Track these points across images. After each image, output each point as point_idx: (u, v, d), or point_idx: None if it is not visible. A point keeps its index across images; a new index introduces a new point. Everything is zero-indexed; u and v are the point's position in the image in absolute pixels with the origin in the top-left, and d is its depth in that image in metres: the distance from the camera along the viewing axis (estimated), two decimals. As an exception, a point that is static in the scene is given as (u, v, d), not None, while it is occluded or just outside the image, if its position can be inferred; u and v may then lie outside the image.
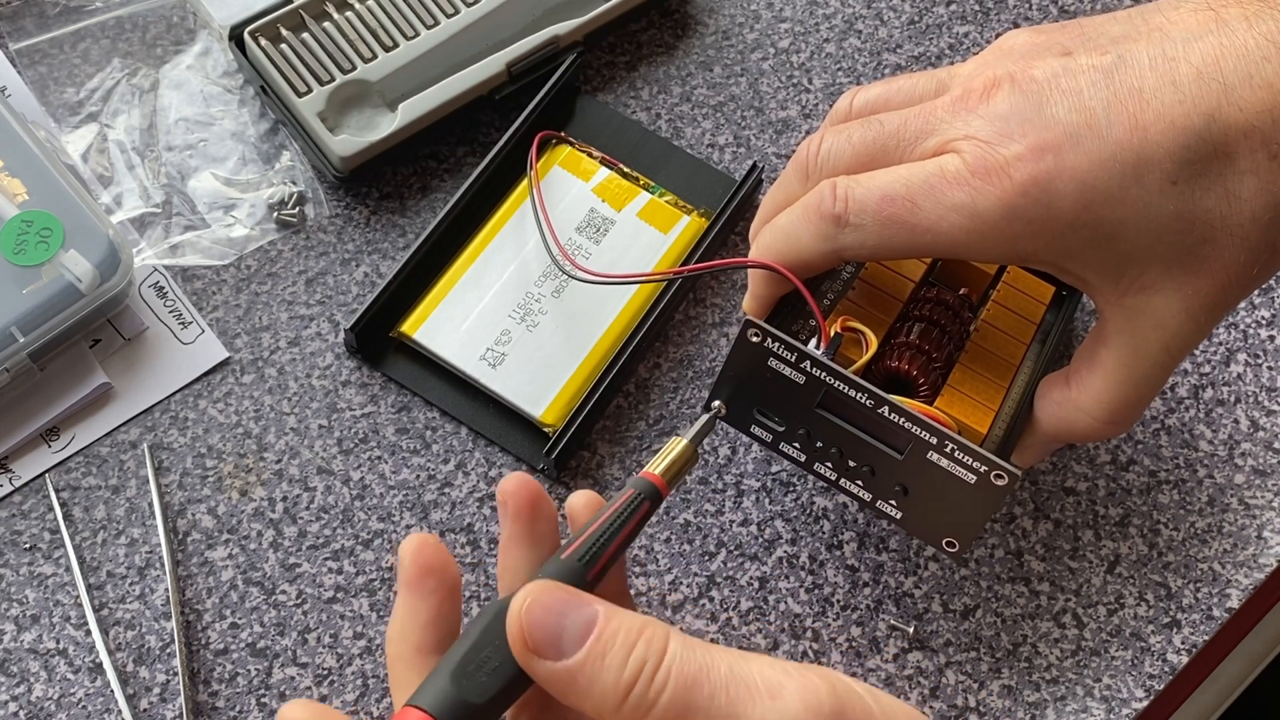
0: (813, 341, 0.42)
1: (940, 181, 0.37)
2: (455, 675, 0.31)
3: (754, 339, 0.41)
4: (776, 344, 0.40)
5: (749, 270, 0.43)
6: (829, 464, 0.43)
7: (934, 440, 0.40)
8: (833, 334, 0.42)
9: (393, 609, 0.34)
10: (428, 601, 0.33)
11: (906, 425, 0.40)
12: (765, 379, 0.41)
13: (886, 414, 0.40)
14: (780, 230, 0.41)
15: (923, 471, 0.41)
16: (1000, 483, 0.39)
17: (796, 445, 0.43)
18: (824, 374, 0.40)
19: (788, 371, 0.41)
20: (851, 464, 0.43)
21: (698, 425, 0.39)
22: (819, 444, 0.43)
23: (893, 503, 0.43)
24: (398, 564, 0.34)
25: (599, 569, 0.33)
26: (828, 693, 0.28)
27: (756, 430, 0.44)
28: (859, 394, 0.40)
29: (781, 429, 0.43)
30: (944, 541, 0.43)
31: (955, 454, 0.40)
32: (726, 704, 0.28)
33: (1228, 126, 0.35)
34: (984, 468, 0.39)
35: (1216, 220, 0.36)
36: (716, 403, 0.42)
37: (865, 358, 0.42)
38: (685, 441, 0.37)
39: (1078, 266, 0.38)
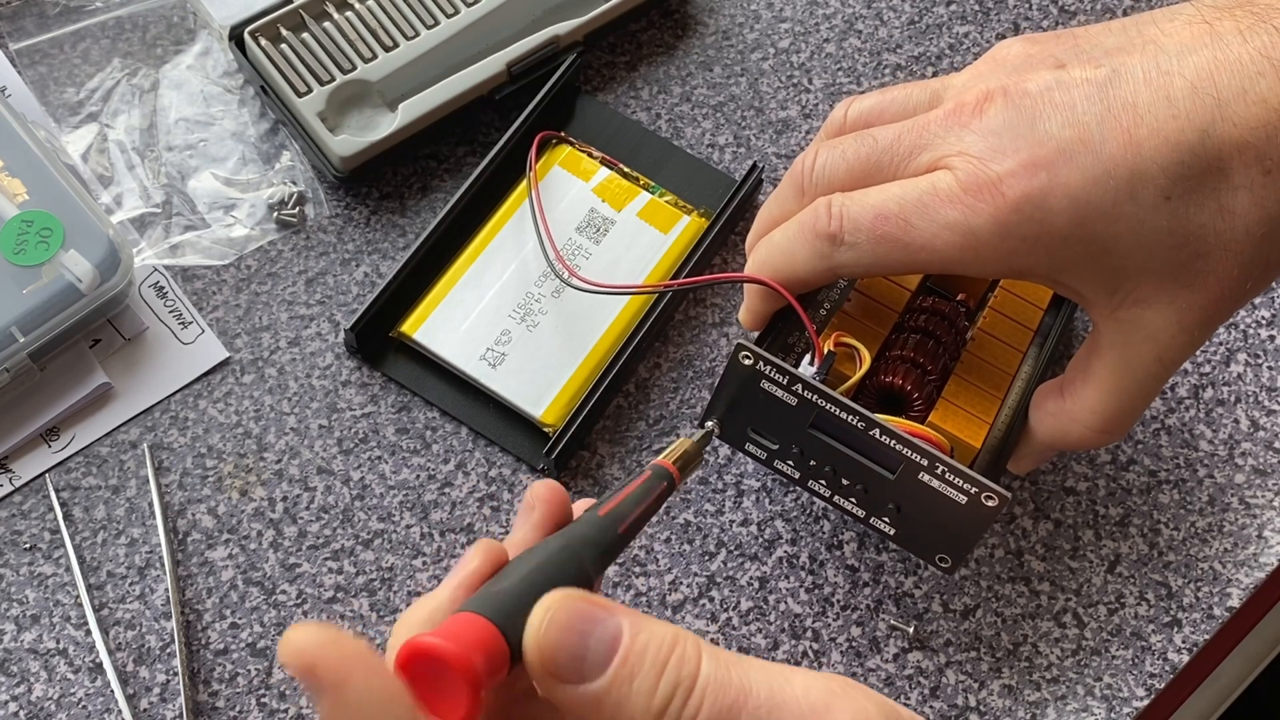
0: (806, 358, 0.42)
1: (933, 199, 0.37)
2: (497, 586, 0.29)
3: (745, 361, 0.41)
4: (768, 367, 0.41)
5: (745, 285, 0.43)
6: (823, 481, 0.43)
7: (925, 462, 0.40)
8: (826, 351, 0.42)
9: (427, 595, 0.31)
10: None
11: (897, 447, 0.40)
12: (758, 400, 0.42)
13: (878, 435, 0.40)
14: (776, 247, 0.41)
15: (914, 491, 0.41)
16: (991, 504, 0.39)
17: (790, 463, 0.44)
18: (815, 396, 0.41)
19: (780, 393, 0.41)
20: (845, 482, 0.43)
21: (697, 436, 0.39)
22: (812, 463, 0.43)
23: (886, 520, 0.43)
24: (464, 558, 0.31)
25: (628, 529, 0.32)
26: (877, 713, 0.26)
27: (751, 448, 0.44)
28: (850, 416, 0.40)
29: (775, 447, 0.43)
30: (937, 558, 0.43)
31: (946, 475, 0.40)
32: None
33: (1222, 142, 0.35)
34: (975, 489, 0.40)
35: (1210, 235, 0.36)
36: (711, 422, 0.43)
37: (858, 375, 0.42)
38: (692, 440, 0.37)
39: (1072, 280, 0.38)
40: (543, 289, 0.51)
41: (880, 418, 0.40)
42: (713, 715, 0.25)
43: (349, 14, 0.55)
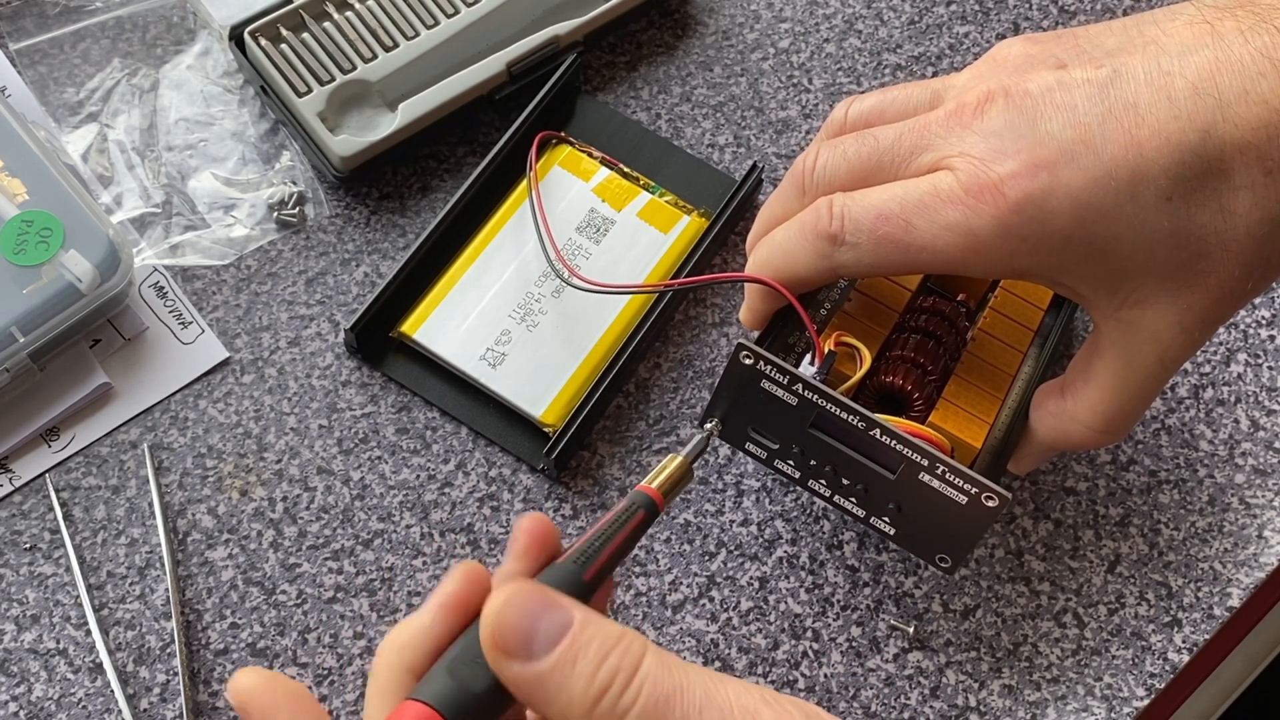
0: (807, 358, 0.42)
1: (934, 200, 0.37)
2: (452, 668, 0.30)
3: (746, 361, 0.41)
4: (769, 366, 0.41)
5: (745, 284, 0.43)
6: (823, 481, 0.43)
7: (925, 462, 0.40)
8: (826, 351, 0.42)
9: (409, 618, 0.32)
10: (455, 628, 0.31)
11: (898, 447, 0.40)
12: (758, 400, 0.42)
13: (878, 435, 0.40)
14: (777, 246, 0.41)
15: (915, 491, 0.41)
16: (991, 504, 0.39)
17: (791, 463, 0.44)
18: (816, 396, 0.41)
19: (780, 393, 0.41)
20: (845, 482, 0.43)
21: (693, 443, 0.38)
22: (813, 462, 0.43)
23: (886, 519, 0.43)
24: (444, 580, 0.32)
25: (595, 574, 0.33)
26: (800, 716, 0.27)
27: (751, 448, 0.44)
28: (850, 416, 0.40)
29: (776, 447, 0.43)
30: (937, 558, 0.43)
31: (946, 475, 0.40)
32: None
33: (1223, 142, 0.35)
34: (975, 489, 0.40)
35: (1211, 235, 0.36)
36: (711, 422, 0.42)
37: (859, 375, 0.42)
38: (681, 458, 0.37)
39: (1073, 281, 0.38)
40: (543, 289, 0.51)
41: (881, 418, 0.40)
42: (649, 704, 0.27)
43: (349, 14, 0.55)
